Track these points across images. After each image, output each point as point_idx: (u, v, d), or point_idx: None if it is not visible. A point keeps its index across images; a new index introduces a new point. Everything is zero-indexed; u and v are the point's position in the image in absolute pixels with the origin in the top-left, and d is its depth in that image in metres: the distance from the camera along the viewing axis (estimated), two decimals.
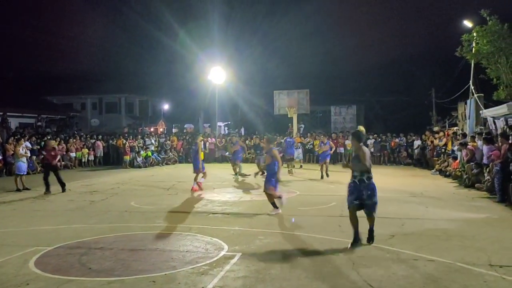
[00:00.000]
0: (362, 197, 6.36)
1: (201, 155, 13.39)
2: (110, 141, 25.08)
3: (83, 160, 23.16)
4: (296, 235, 7.06)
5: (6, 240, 6.87)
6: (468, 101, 20.17)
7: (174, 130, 36.91)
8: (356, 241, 6.29)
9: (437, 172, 17.44)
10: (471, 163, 13.34)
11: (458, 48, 18.23)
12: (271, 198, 9.00)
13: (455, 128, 23.62)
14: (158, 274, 5.10)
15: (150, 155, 23.64)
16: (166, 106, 42.58)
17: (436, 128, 24.89)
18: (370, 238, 6.41)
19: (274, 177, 8.86)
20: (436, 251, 5.96)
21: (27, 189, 13.22)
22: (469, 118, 19.80)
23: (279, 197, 8.97)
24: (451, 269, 5.20)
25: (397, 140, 24.14)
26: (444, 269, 5.18)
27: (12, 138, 19.45)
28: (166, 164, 24.11)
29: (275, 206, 8.98)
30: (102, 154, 24.38)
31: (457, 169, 15.17)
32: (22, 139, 15.15)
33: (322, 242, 6.61)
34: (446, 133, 20.49)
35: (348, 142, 24.95)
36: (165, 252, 6.11)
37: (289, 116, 26.01)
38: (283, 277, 4.98)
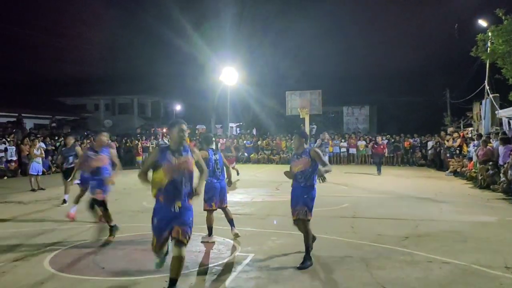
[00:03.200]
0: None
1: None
2: (123, 142, 25.27)
3: None
4: None
5: (21, 240, 6.94)
6: (483, 102, 19.91)
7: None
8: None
9: (452, 173, 17.23)
10: (487, 164, 13.15)
11: (473, 48, 18.00)
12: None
13: (470, 128, 23.34)
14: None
15: None
16: (178, 107, 42.79)
17: (450, 129, 24.59)
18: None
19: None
20: (451, 253, 5.87)
21: (41, 189, 13.37)
22: (484, 119, 19.54)
23: None
24: (466, 271, 5.12)
25: (411, 140, 23.92)
26: (459, 272, 5.10)
27: (27, 138, 19.72)
28: None
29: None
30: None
31: (472, 170, 14.97)
32: (37, 140, 15.33)
33: (335, 243, 6.56)
34: (461, 134, 20.23)
35: (360, 143, 24.85)
36: None
37: (301, 116, 25.91)
38: (296, 278, 4.96)
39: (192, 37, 32.78)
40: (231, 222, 6.98)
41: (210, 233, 6.78)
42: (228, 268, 5.36)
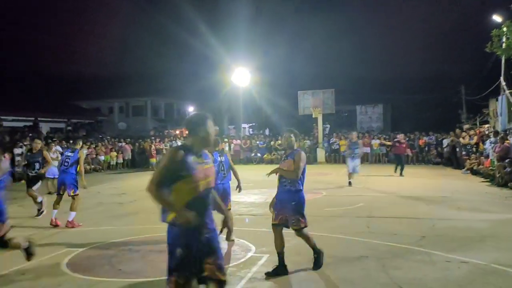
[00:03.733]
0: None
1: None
2: (137, 144, 25.50)
3: (111, 163, 23.61)
4: (323, 237, 6.97)
5: (39, 242, 7.03)
6: (500, 98, 19.59)
7: None
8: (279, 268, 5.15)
9: (468, 171, 16.98)
10: (504, 161, 12.93)
11: (488, 43, 17.73)
12: None
13: (487, 125, 22.98)
14: None
15: None
16: (191, 109, 42.99)
17: (466, 126, 24.25)
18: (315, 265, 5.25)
19: None
20: (469, 252, 5.78)
21: None
22: (501, 115, 19.24)
23: None
24: (485, 271, 5.03)
25: (425, 138, 23.65)
26: (479, 271, 5.02)
27: (44, 142, 20.02)
28: None
29: None
30: (130, 157, 24.81)
31: (489, 168, 14.73)
32: (53, 144, 15.54)
33: (350, 243, 6.51)
34: (477, 131, 19.93)
35: (374, 142, 24.64)
36: None
37: (313, 116, 25.84)
38: (311, 279, 4.93)
39: (205, 38, 32.96)
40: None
41: None
42: (243, 269, 5.36)
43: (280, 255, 5.18)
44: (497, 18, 18.49)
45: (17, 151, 19.00)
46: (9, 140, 19.43)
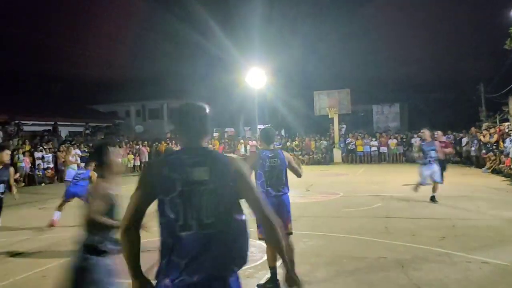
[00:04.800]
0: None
1: None
2: (154, 146, 25.78)
3: (128, 166, 23.88)
4: (341, 237, 6.92)
5: (59, 245, 7.14)
6: None
7: (215, 134, 37.41)
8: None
9: (489, 170, 16.67)
10: None
11: (507, 40, 17.40)
12: None
13: (507, 123, 22.53)
14: None
15: None
16: (207, 110, 43.25)
17: (486, 124, 23.80)
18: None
19: None
20: (490, 252, 5.67)
21: None
22: None
23: None
24: (507, 271, 4.93)
25: (444, 138, 23.30)
26: (500, 272, 4.92)
27: (63, 146, 20.36)
28: None
29: None
30: (147, 159, 25.07)
31: (510, 167, 14.44)
32: (72, 147, 15.79)
33: (369, 244, 6.45)
34: (497, 129, 19.56)
35: (391, 142, 24.39)
36: None
37: (329, 116, 25.72)
38: (329, 280, 4.90)
39: (220, 39, 33.06)
40: None
41: None
42: (260, 270, 5.35)
43: (273, 270, 4.72)
44: None
45: (37, 154, 19.37)
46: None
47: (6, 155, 6.99)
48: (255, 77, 29.49)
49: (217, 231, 2.04)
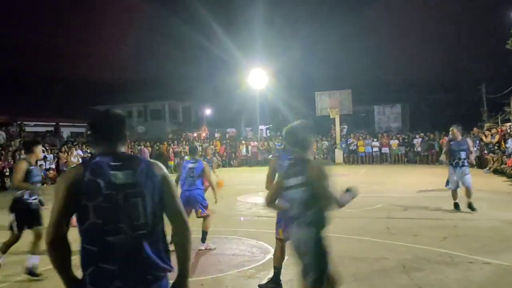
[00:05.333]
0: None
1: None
2: (155, 146, 25.79)
3: None
4: (342, 238, 6.93)
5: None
6: None
7: (216, 135, 37.42)
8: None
9: (490, 171, 16.66)
10: None
11: (508, 40, 17.40)
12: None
13: (509, 124, 22.50)
14: (205, 277, 5.16)
15: None
16: (208, 111, 43.25)
17: (487, 125, 23.78)
18: None
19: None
20: (492, 253, 5.68)
21: None
22: None
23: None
24: (508, 272, 4.94)
25: (446, 138, 23.29)
26: (502, 272, 4.93)
27: (65, 146, 20.41)
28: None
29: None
30: None
31: None
32: (73, 148, 15.82)
33: (370, 244, 6.46)
34: (499, 129, 19.54)
35: (393, 142, 24.39)
36: (212, 256, 6.17)
37: (331, 117, 25.72)
38: None
39: (221, 41, 33.11)
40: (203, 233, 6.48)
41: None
42: (262, 270, 5.37)
43: (277, 270, 4.73)
44: None
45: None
46: None
47: (40, 151, 6.63)
48: (257, 78, 29.51)
49: (148, 232, 2.04)
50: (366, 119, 38.98)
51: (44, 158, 19.38)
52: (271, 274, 5.16)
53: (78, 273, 2.07)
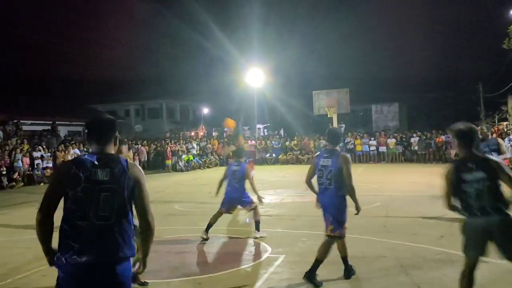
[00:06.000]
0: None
1: None
2: (153, 146, 25.73)
3: None
4: None
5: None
6: None
7: (214, 134, 37.37)
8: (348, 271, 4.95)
9: None
10: None
11: (505, 40, 17.43)
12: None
13: (505, 123, 22.60)
14: (203, 276, 5.16)
15: (192, 158, 24.05)
16: (205, 110, 43.21)
17: (484, 124, 23.87)
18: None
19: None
20: (490, 252, 5.67)
21: None
22: None
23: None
24: (506, 270, 4.93)
25: (443, 137, 23.35)
26: (500, 271, 4.92)
27: (62, 145, 20.34)
28: (208, 167, 24.43)
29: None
30: (146, 159, 25.02)
31: (509, 166, 14.48)
32: (70, 147, 15.76)
33: (368, 243, 6.46)
34: (495, 128, 19.60)
35: (390, 141, 24.40)
36: (210, 255, 6.17)
37: (328, 116, 25.69)
38: (328, 279, 4.90)
39: (219, 39, 33.08)
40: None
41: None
42: (259, 269, 5.36)
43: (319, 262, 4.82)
44: None
45: (35, 154, 19.35)
46: None
47: (127, 150, 6.63)
48: (254, 77, 29.47)
49: (110, 224, 2.42)
50: (363, 118, 39.04)
51: (41, 157, 19.34)
52: (268, 272, 5.16)
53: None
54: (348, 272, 4.89)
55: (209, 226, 6.82)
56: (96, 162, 2.47)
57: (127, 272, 2.50)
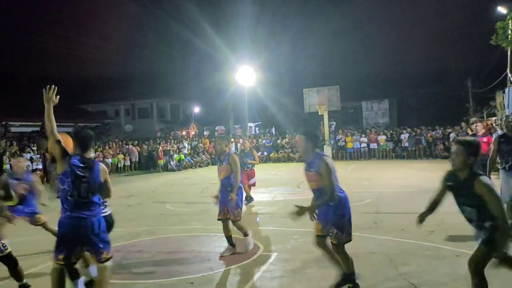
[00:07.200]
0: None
1: None
2: (144, 146, 25.58)
3: (119, 166, 23.72)
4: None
5: (49, 245, 7.10)
6: (506, 90, 19.42)
7: (205, 133, 37.30)
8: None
9: None
10: None
11: (493, 36, 17.58)
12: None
13: (494, 118, 22.82)
14: (195, 275, 5.16)
15: (183, 158, 23.99)
16: (196, 109, 43.10)
17: (473, 119, 24.10)
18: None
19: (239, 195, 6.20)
20: None
21: None
22: (507, 107, 19.06)
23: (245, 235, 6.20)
24: (496, 264, 5.01)
25: (432, 133, 23.55)
26: (489, 265, 4.99)
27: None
28: (199, 166, 24.39)
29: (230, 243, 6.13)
30: (137, 159, 24.90)
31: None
32: None
33: (358, 239, 6.49)
34: (484, 124, 19.79)
35: (381, 138, 24.57)
36: (202, 254, 6.17)
37: (319, 113, 25.80)
38: (320, 277, 4.94)
39: (209, 37, 32.93)
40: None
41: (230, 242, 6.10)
42: (252, 267, 5.38)
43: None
44: (502, 9, 18.33)
45: (25, 156, 19.17)
46: None
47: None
48: (245, 75, 29.46)
49: (88, 201, 4.00)
50: (354, 115, 39.23)
51: (31, 158, 19.17)
52: (261, 271, 5.18)
53: None
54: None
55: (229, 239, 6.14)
56: (80, 163, 4.00)
57: (95, 221, 4.03)
